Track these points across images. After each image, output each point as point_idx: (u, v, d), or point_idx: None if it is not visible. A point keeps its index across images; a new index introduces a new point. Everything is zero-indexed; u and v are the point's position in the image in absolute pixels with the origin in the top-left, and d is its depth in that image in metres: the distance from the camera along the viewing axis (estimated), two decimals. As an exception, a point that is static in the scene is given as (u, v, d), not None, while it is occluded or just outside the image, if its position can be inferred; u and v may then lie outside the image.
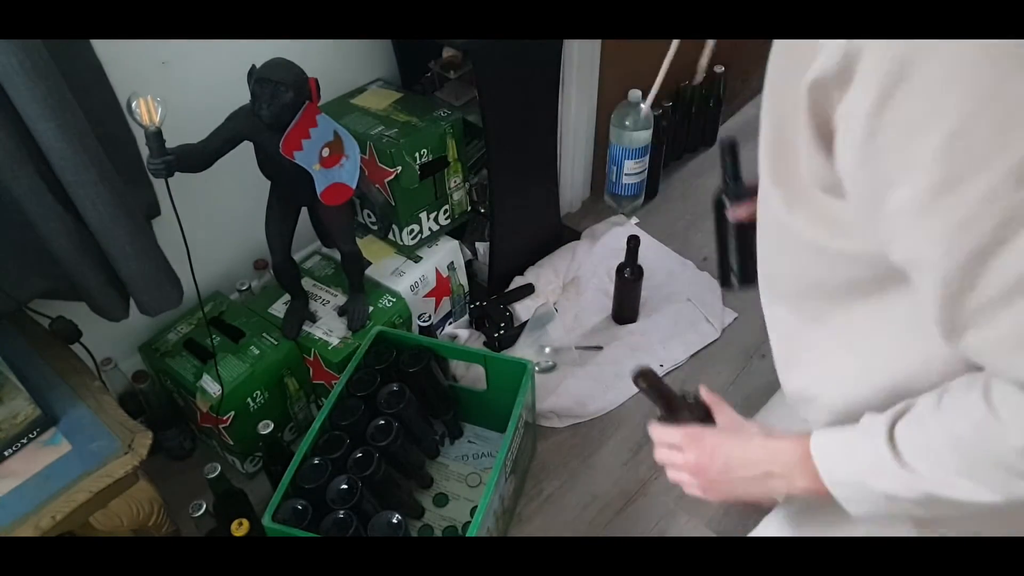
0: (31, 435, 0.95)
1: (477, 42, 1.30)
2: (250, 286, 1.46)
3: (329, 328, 1.37)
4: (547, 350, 1.59)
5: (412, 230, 1.50)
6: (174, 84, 1.24)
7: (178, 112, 1.00)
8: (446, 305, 1.62)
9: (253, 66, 1.05)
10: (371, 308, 1.40)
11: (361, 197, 1.38)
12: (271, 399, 1.34)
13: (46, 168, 0.95)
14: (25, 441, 0.95)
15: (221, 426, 1.29)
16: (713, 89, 2.06)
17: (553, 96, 1.58)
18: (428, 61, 1.57)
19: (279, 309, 1.40)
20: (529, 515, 1.36)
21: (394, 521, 1.09)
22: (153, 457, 0.97)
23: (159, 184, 1.11)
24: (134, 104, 0.94)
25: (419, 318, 1.41)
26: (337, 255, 1.42)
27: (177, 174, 1.02)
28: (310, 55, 1.12)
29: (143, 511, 1.03)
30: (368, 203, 1.50)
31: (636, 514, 1.36)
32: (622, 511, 1.37)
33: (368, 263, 1.47)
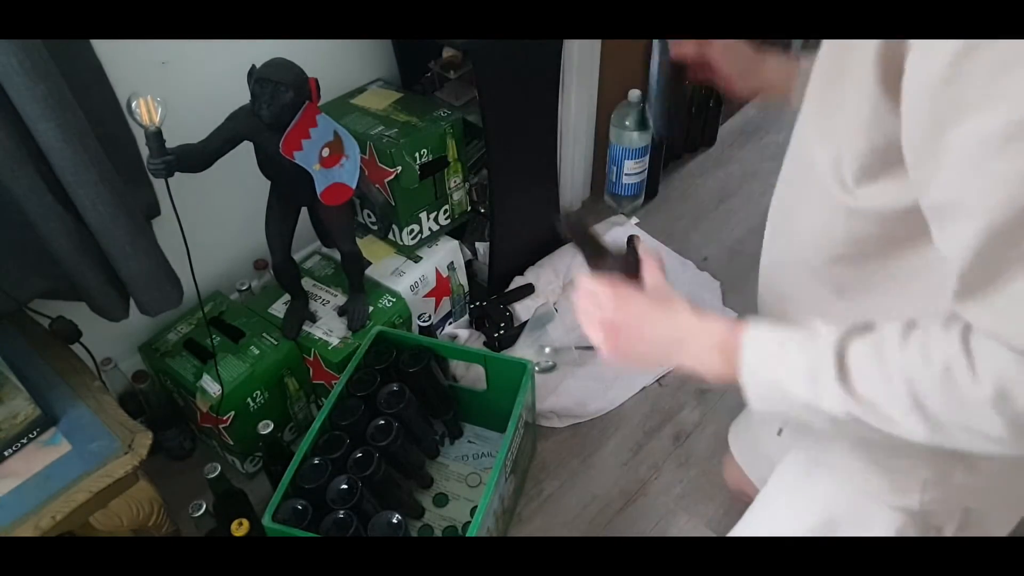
0: (31, 435, 0.95)
1: (477, 42, 1.30)
2: (250, 286, 1.46)
3: (329, 328, 1.37)
4: (547, 350, 1.59)
5: (412, 230, 1.50)
6: (174, 84, 1.24)
7: (178, 112, 1.00)
8: (446, 305, 1.62)
9: (253, 66, 1.05)
10: (371, 308, 1.40)
11: (361, 197, 1.38)
12: (271, 399, 1.34)
13: (46, 168, 0.95)
14: (25, 441, 0.95)
15: (221, 426, 1.29)
16: (713, 89, 2.06)
17: (553, 96, 1.58)
18: (428, 61, 1.57)
19: (279, 309, 1.40)
20: (529, 515, 1.36)
21: (394, 521, 1.09)
22: (153, 457, 0.97)
23: (159, 184, 1.11)
24: (134, 104, 0.94)
25: (419, 318, 1.41)
26: (337, 255, 1.42)
27: (177, 174, 1.02)
28: (310, 55, 1.12)
29: (143, 511, 1.03)
30: (368, 203, 1.50)
31: (636, 514, 1.36)
32: (622, 511, 1.37)
33: (368, 263, 1.47)
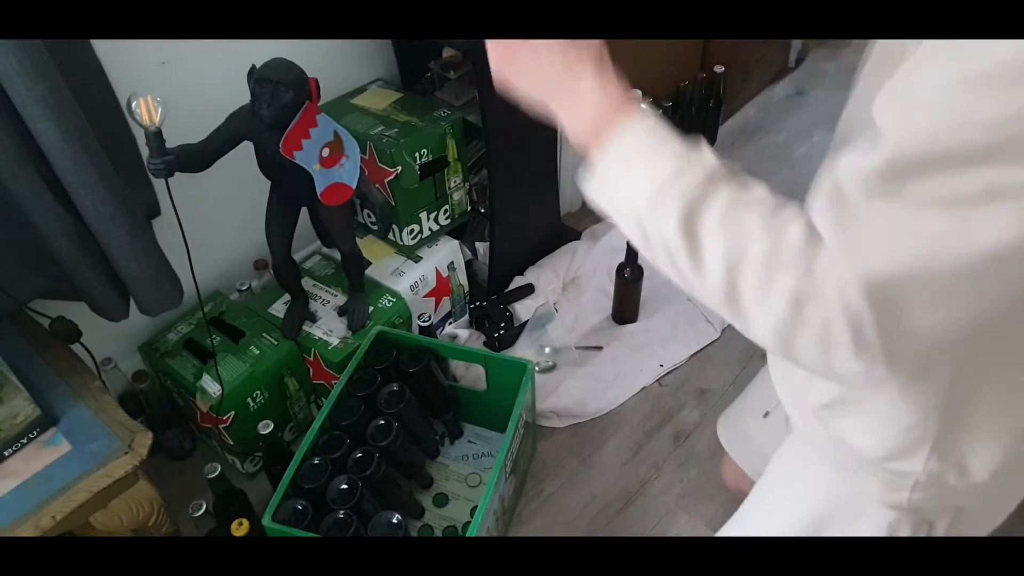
0: (31, 435, 0.95)
1: (477, 42, 1.30)
2: (250, 286, 1.46)
3: (329, 328, 1.37)
4: (547, 350, 1.59)
5: (412, 230, 1.50)
6: (174, 84, 1.24)
7: (178, 112, 1.00)
8: (446, 305, 1.62)
9: (253, 66, 1.05)
10: (371, 308, 1.40)
11: (361, 197, 1.38)
12: (271, 399, 1.34)
13: (46, 168, 0.95)
14: (25, 441, 0.95)
15: (221, 426, 1.29)
16: (713, 89, 2.06)
17: (553, 96, 1.58)
18: (428, 61, 1.57)
19: (279, 309, 1.40)
20: (529, 515, 1.36)
21: (394, 521, 1.09)
22: (153, 457, 0.97)
23: (159, 184, 1.11)
24: (134, 104, 0.94)
25: (419, 318, 1.41)
26: (337, 255, 1.42)
27: (177, 174, 1.03)
28: (310, 55, 1.12)
29: (143, 511, 1.03)
30: (368, 203, 1.50)
31: (636, 514, 1.36)
32: (622, 511, 1.37)
33: (368, 263, 1.47)
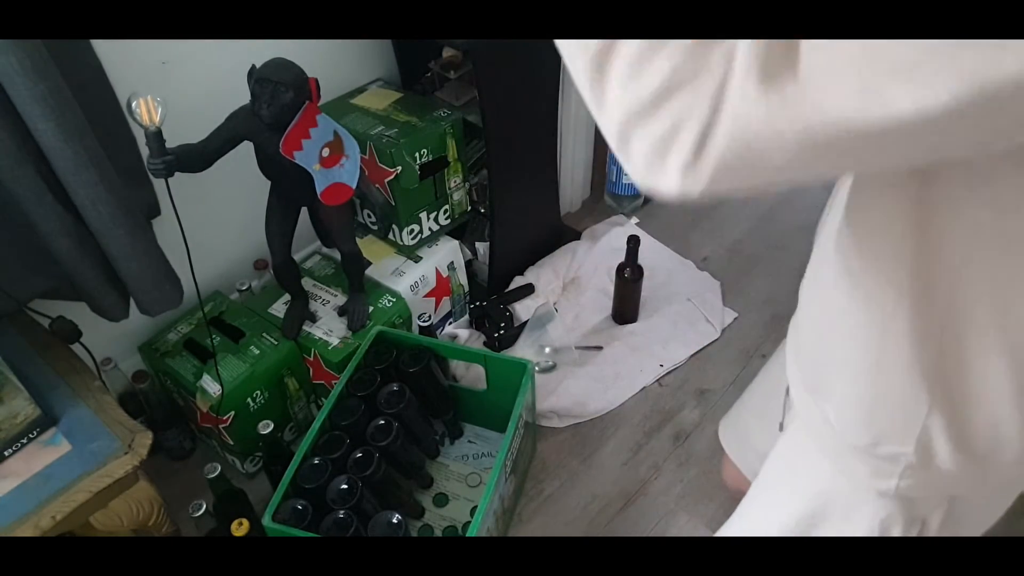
0: (31, 435, 0.95)
1: (477, 42, 1.30)
2: (250, 286, 1.46)
3: (329, 328, 1.37)
4: (547, 350, 1.59)
5: (412, 230, 1.50)
6: (174, 84, 1.24)
7: (178, 112, 1.00)
8: (446, 305, 1.62)
9: (253, 66, 1.05)
10: (371, 308, 1.40)
11: (361, 197, 1.38)
12: (271, 399, 1.34)
13: (46, 168, 0.95)
14: (25, 441, 0.95)
15: (221, 426, 1.29)
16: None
17: (553, 96, 1.58)
18: (428, 61, 1.57)
19: (279, 309, 1.40)
20: (529, 515, 1.36)
21: (394, 521, 1.09)
22: (153, 457, 0.97)
23: (159, 184, 1.11)
24: (134, 104, 0.94)
25: (419, 318, 1.41)
26: (337, 255, 1.42)
27: (177, 174, 1.03)
28: (310, 55, 1.12)
29: (143, 511, 1.03)
30: (368, 203, 1.50)
31: (636, 514, 1.36)
32: (622, 511, 1.37)
33: (368, 263, 1.47)
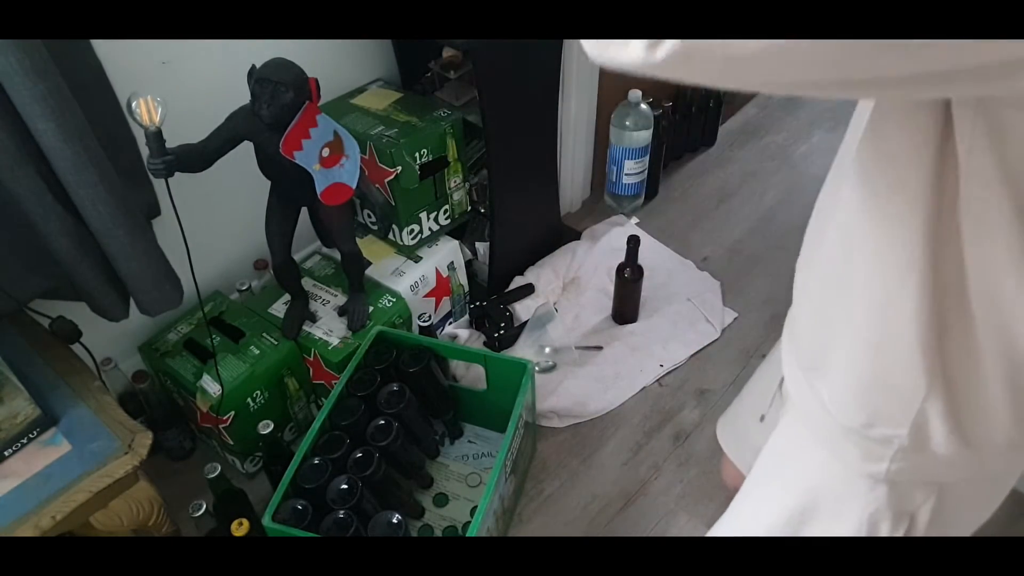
0: (31, 435, 0.96)
1: (477, 42, 1.30)
2: (250, 286, 1.46)
3: (329, 328, 1.37)
4: (547, 350, 1.59)
5: (412, 230, 1.50)
6: (174, 84, 1.24)
7: (178, 112, 1.00)
8: (446, 305, 1.62)
9: (253, 66, 1.05)
10: (371, 308, 1.40)
11: (361, 197, 1.38)
12: (271, 399, 1.34)
13: (46, 168, 0.95)
14: (25, 441, 0.95)
15: (221, 426, 1.29)
16: (713, 89, 2.06)
17: (553, 96, 1.58)
18: (428, 61, 1.57)
19: (279, 309, 1.40)
20: (529, 515, 1.36)
21: (394, 521, 1.09)
22: (153, 457, 0.97)
23: (159, 184, 1.11)
24: (134, 104, 0.94)
25: (419, 318, 1.42)
26: (337, 255, 1.42)
27: (177, 174, 1.03)
28: (310, 55, 1.12)
29: (143, 511, 1.03)
30: (368, 203, 1.50)
31: (636, 514, 1.36)
32: (622, 511, 1.37)
33: (368, 263, 1.47)
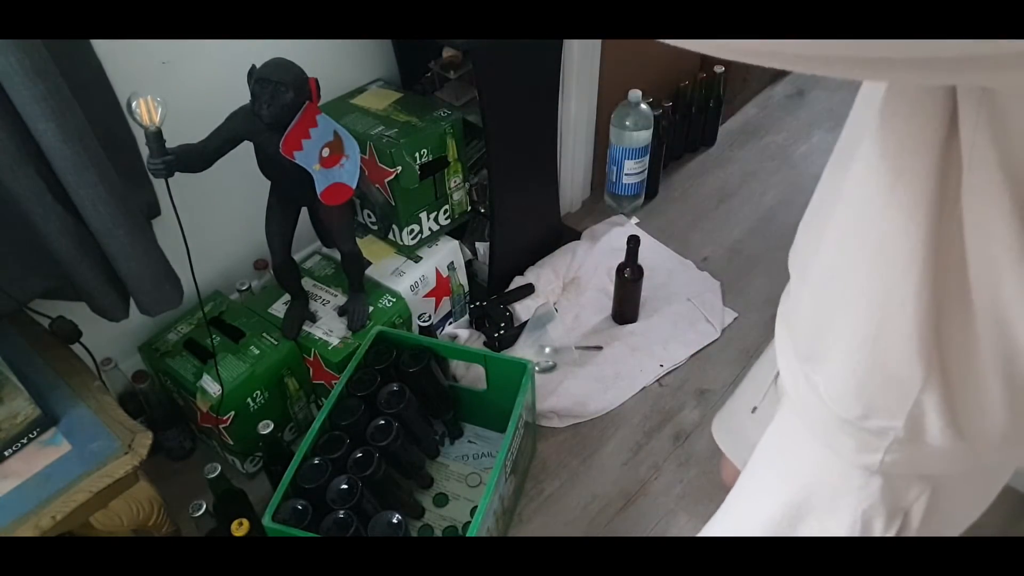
0: (31, 435, 0.96)
1: (477, 42, 1.30)
2: (250, 286, 1.46)
3: (329, 328, 1.37)
4: (547, 350, 1.59)
5: (412, 230, 1.50)
6: (174, 84, 1.24)
7: (178, 112, 1.00)
8: (446, 305, 1.62)
9: (253, 66, 1.05)
10: (371, 308, 1.40)
11: (361, 197, 1.38)
12: (271, 399, 1.34)
13: (46, 168, 0.95)
14: (25, 441, 0.95)
15: (221, 426, 1.29)
16: (713, 89, 2.06)
17: (553, 96, 1.58)
18: (428, 61, 1.57)
19: (279, 309, 1.40)
20: (529, 515, 1.36)
21: (394, 521, 1.09)
22: (153, 457, 0.97)
23: (159, 184, 1.11)
24: (134, 104, 0.94)
25: (419, 318, 1.42)
26: (337, 255, 1.42)
27: (177, 174, 1.03)
28: (310, 55, 1.12)
29: (143, 511, 1.03)
30: (368, 203, 1.50)
31: (636, 514, 1.36)
32: (622, 511, 1.37)
33: (368, 263, 1.47)
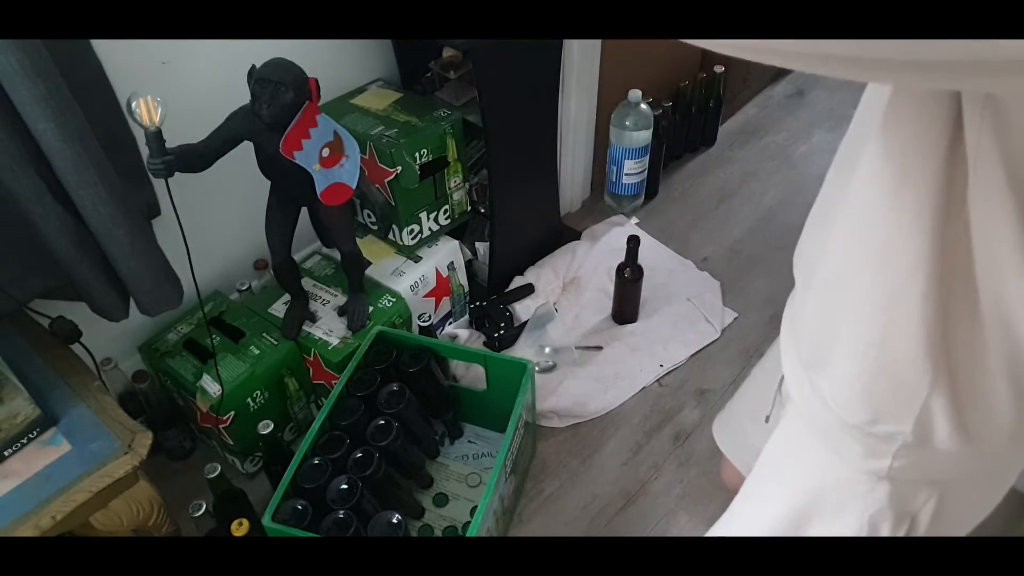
0: (31, 435, 0.96)
1: (477, 42, 1.30)
2: (250, 286, 1.46)
3: (329, 328, 1.37)
4: (547, 350, 1.59)
5: (412, 230, 1.50)
6: (174, 84, 1.24)
7: (178, 112, 1.00)
8: (446, 305, 1.62)
9: (253, 66, 1.05)
10: (371, 308, 1.40)
11: (361, 197, 1.38)
12: (271, 399, 1.34)
13: (46, 168, 0.95)
14: (25, 441, 0.95)
15: (221, 426, 1.29)
16: (713, 89, 2.06)
17: (553, 96, 1.58)
18: (428, 61, 1.57)
19: (279, 309, 1.40)
20: (529, 515, 1.36)
21: (394, 521, 1.09)
22: (153, 457, 0.97)
23: (159, 184, 1.11)
24: (134, 104, 0.94)
25: (419, 318, 1.41)
26: (337, 255, 1.42)
27: (177, 174, 1.03)
28: (310, 55, 1.12)
29: (143, 511, 1.03)
30: (368, 203, 1.50)
31: (636, 514, 1.36)
32: (622, 511, 1.37)
33: (368, 263, 1.47)
